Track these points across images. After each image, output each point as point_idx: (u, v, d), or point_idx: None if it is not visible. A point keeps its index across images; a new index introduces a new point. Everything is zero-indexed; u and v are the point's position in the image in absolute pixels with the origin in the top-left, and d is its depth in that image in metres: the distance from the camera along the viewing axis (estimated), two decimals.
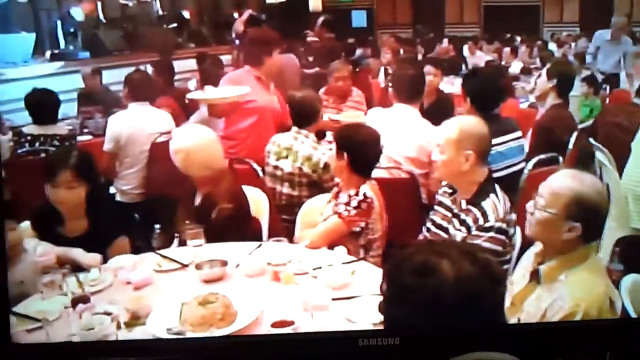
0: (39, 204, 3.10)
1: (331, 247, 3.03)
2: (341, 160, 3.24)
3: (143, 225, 3.98)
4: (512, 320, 2.29)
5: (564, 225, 2.26)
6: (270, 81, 4.78)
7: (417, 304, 1.53)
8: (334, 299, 2.51)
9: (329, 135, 4.35)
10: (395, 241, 3.31)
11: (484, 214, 2.83)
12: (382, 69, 8.87)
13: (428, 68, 5.74)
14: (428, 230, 3.17)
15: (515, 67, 10.04)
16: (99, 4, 12.53)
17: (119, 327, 2.35)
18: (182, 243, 3.18)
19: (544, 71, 4.82)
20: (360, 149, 3.26)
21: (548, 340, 2.06)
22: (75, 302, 2.50)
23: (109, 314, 2.36)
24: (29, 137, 4.92)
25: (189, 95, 5.30)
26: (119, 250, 3.06)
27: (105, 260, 2.95)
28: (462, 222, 2.90)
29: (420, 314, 1.53)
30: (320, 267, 2.76)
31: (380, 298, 1.65)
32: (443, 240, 2.95)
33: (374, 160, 3.36)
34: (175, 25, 13.72)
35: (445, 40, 14.05)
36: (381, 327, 2.00)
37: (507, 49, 12.22)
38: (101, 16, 12.47)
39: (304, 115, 4.20)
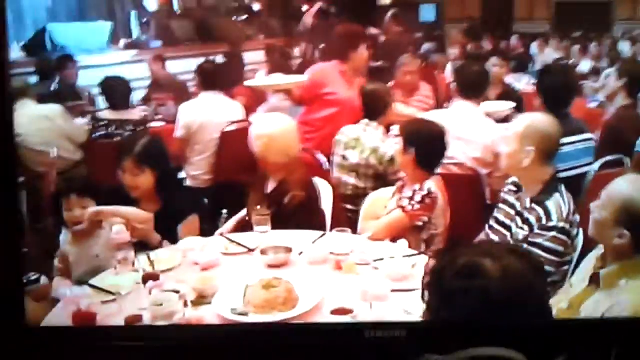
0: (116, 184, 3.21)
1: (393, 240, 3.06)
2: (407, 154, 3.26)
3: (211, 209, 4.08)
4: None
5: (615, 230, 2.25)
6: (356, 76, 4.82)
7: (464, 306, 1.52)
8: (393, 291, 2.53)
9: (396, 129, 4.37)
10: (457, 238, 3.32)
11: (547, 213, 2.81)
12: (450, 64, 8.81)
13: (493, 59, 5.70)
14: (490, 227, 3.16)
15: (584, 66, 9.83)
16: None
17: (186, 305, 2.43)
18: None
19: (613, 70, 4.73)
20: (427, 144, 3.27)
21: (554, 336, 2.06)
22: (146, 278, 2.61)
23: (177, 292, 2.45)
24: (104, 122, 5.10)
25: (247, 83, 5.36)
26: (190, 227, 3.16)
27: (175, 241, 3.05)
28: (525, 221, 2.89)
29: (468, 314, 1.52)
30: (381, 259, 2.78)
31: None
32: (481, 242, 2.95)
33: (439, 156, 3.36)
34: (245, 17, 13.88)
35: (515, 37, 13.82)
36: None
37: (576, 47, 11.93)
38: (176, 7, 12.69)
39: (374, 108, 4.25)
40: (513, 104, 5.15)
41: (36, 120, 4.87)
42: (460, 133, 3.95)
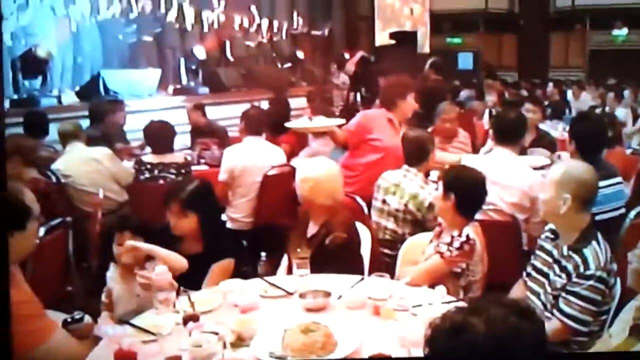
0: (162, 223, 3.25)
1: (432, 286, 2.99)
2: (447, 201, 3.21)
3: (250, 252, 4.07)
4: None
5: None
6: (402, 124, 4.84)
7: None
8: None
9: (434, 175, 4.34)
10: (494, 284, 3.24)
11: (585, 262, 2.72)
12: (487, 110, 8.79)
13: (527, 105, 5.66)
14: (528, 275, 3.08)
15: (619, 113, 9.70)
16: (228, 44, 13.02)
17: (225, 346, 2.40)
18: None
19: None
20: (467, 191, 3.22)
21: None
22: (186, 319, 2.58)
23: (216, 333, 2.42)
24: (148, 165, 5.15)
25: (287, 124, 5.35)
26: (223, 269, 3.16)
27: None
28: (563, 269, 2.79)
29: None
30: (420, 305, 2.72)
31: None
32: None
33: (479, 202, 3.31)
34: (289, 64, 14.08)
35: (550, 84, 13.76)
36: None
37: (611, 94, 11.81)
38: (229, 54, 12.91)
39: (415, 154, 4.23)
40: (548, 161, 5.09)
41: (85, 162, 4.96)
42: (497, 178, 3.89)
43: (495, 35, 22.08)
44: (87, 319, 2.57)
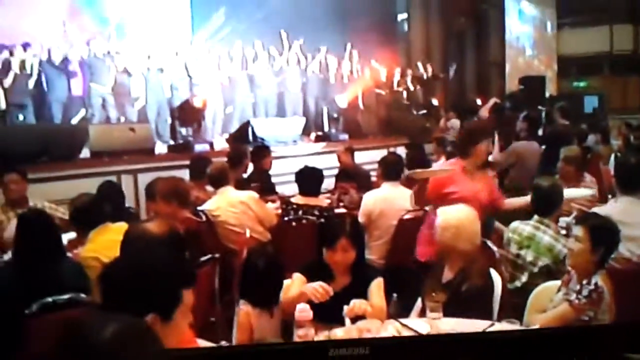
0: (313, 261, 3.37)
1: None
2: (594, 255, 3.10)
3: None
4: None
5: None
6: (476, 170, 4.49)
7: None
8: None
9: (563, 222, 4.18)
10: None
11: None
12: (613, 155, 8.38)
13: None
14: None
15: None
16: (366, 93, 13.25)
17: None
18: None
19: None
20: (615, 244, 3.18)
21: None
22: None
23: None
24: (294, 206, 5.31)
25: (408, 172, 5.24)
26: (379, 285, 3.28)
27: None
28: None
29: None
30: None
31: None
32: None
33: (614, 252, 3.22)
34: (424, 112, 14.10)
35: None
36: None
37: None
38: (367, 103, 13.14)
39: (549, 204, 4.10)
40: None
41: (233, 204, 5.18)
42: (623, 229, 3.66)
43: (620, 77, 21.09)
44: None
